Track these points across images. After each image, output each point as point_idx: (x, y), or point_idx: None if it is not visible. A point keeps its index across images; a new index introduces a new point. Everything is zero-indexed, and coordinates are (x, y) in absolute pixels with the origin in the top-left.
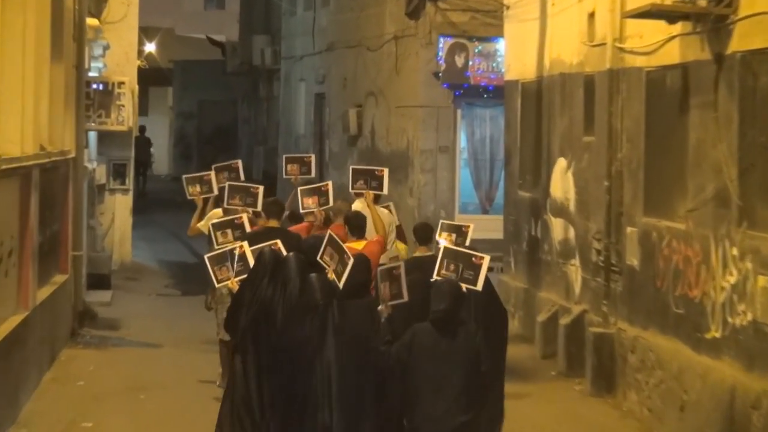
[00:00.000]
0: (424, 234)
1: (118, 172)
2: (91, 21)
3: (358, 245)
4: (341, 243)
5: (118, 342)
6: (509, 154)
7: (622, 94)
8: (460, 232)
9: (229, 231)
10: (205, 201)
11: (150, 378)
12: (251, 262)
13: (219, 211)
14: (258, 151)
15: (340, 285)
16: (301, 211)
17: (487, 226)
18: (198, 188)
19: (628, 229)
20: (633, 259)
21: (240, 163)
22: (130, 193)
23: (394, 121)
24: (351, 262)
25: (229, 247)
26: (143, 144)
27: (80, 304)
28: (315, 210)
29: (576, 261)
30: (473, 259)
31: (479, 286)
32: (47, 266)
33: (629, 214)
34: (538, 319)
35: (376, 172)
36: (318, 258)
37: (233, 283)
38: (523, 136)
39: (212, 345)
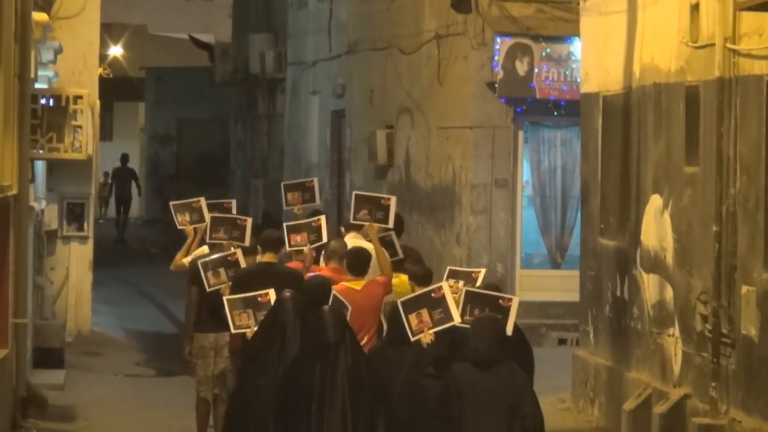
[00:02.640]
0: (423, 274)
1: (73, 214)
2: (38, 16)
3: (357, 285)
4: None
5: None
6: (587, 190)
7: (736, 110)
8: (469, 278)
9: (221, 270)
10: (197, 232)
11: None
12: None
13: (206, 248)
14: (256, 186)
15: None
16: (287, 249)
17: (558, 285)
18: (188, 217)
19: (744, 289)
20: (750, 328)
21: (234, 203)
22: (90, 242)
23: (436, 147)
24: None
25: (255, 293)
26: (125, 177)
27: (24, 388)
28: (305, 249)
29: (675, 330)
30: (500, 301)
31: (509, 331)
32: None
33: (745, 269)
34: (625, 406)
35: (382, 201)
36: None
37: (251, 332)
38: (605, 165)
39: None
